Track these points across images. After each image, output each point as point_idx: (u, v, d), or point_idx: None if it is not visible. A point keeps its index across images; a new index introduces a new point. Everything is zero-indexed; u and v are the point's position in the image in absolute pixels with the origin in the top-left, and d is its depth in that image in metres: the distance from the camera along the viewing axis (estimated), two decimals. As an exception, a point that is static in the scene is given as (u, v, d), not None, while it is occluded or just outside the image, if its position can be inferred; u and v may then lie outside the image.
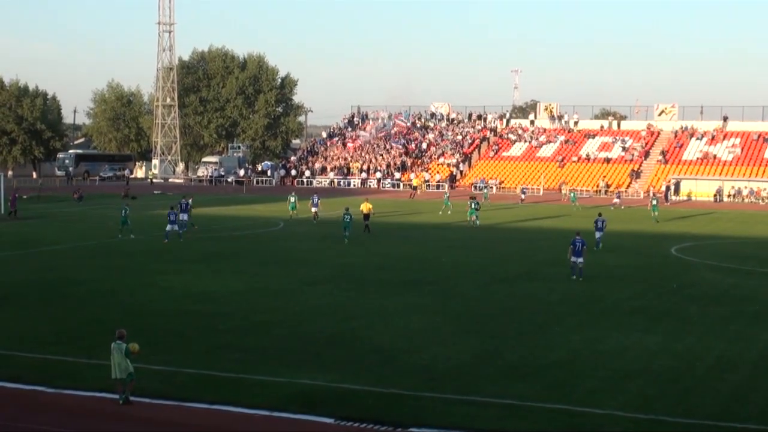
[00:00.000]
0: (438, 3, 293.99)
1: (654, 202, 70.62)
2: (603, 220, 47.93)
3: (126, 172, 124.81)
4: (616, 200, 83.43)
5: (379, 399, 19.85)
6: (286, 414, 18.75)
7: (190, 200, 55.82)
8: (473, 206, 60.95)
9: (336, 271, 38.70)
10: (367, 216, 54.61)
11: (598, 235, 47.05)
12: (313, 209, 62.29)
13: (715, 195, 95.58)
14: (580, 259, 36.69)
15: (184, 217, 51.32)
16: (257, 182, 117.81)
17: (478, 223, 59.96)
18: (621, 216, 71.21)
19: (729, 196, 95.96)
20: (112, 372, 19.10)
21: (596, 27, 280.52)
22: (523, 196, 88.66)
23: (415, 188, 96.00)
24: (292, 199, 64.28)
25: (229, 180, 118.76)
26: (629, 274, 38.81)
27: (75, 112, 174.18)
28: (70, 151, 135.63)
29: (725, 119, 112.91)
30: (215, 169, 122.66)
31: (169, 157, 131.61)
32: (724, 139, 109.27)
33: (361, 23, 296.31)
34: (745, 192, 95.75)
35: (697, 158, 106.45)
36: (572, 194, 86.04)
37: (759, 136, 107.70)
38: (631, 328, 27.50)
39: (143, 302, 30.71)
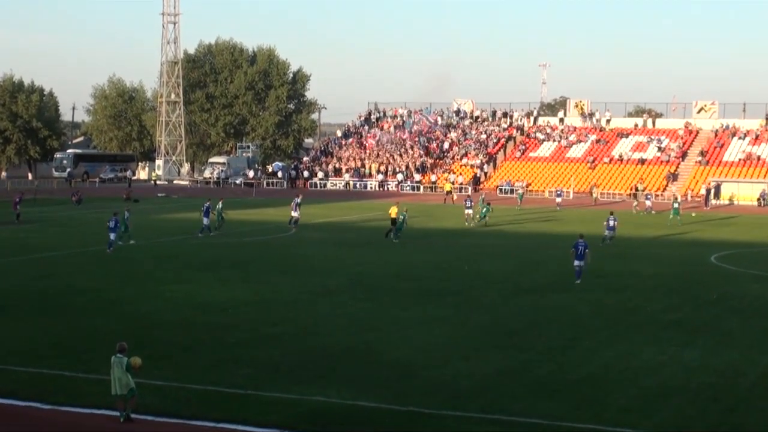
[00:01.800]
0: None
1: (676, 206, 71.18)
2: (615, 219, 51.58)
3: (128, 173, 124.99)
4: (647, 203, 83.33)
5: (397, 417, 19.86)
6: (297, 433, 18.82)
7: (220, 203, 58.60)
8: (484, 210, 64.67)
9: (351, 280, 38.74)
10: (394, 221, 54.76)
11: (608, 233, 50.88)
12: (294, 213, 60.91)
13: (759, 199, 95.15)
14: (582, 263, 37.98)
15: (205, 220, 54.42)
16: (267, 184, 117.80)
17: (480, 221, 62.78)
18: (652, 221, 71.06)
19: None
20: (112, 388, 19.13)
21: (630, 19, 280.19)
22: (558, 200, 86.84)
23: (449, 192, 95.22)
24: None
25: (238, 182, 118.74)
26: (665, 284, 38.70)
27: (74, 109, 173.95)
28: (69, 150, 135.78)
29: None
30: (223, 170, 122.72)
31: (174, 158, 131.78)
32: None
33: (378, 15, 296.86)
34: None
35: (740, 159, 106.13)
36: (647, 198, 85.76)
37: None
38: (667, 343, 27.43)
39: (146, 313, 30.77)
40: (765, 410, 20.78)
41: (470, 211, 64.84)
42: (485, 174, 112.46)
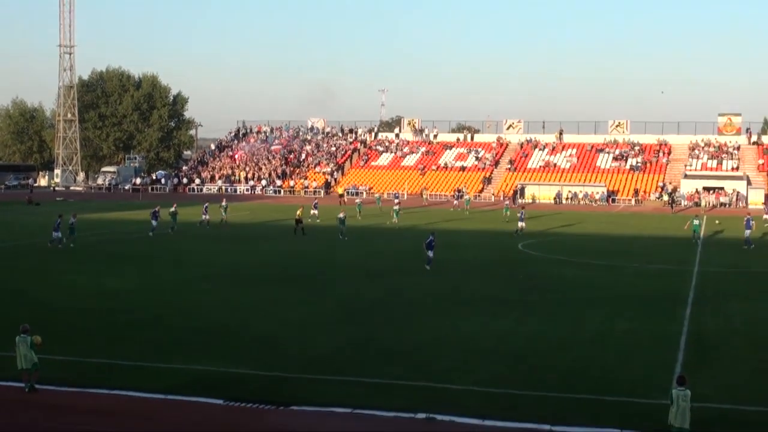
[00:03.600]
0: (320, 30, 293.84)
1: (507, 203, 75.53)
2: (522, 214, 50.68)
3: (30, 181, 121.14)
4: (455, 202, 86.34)
5: (264, 381, 19.84)
6: (181, 397, 18.59)
7: (174, 206, 57.55)
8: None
9: (226, 269, 38.36)
10: (299, 221, 54.36)
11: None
12: (204, 216, 59.89)
13: (555, 198, 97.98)
14: (431, 253, 38.46)
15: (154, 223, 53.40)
16: (152, 189, 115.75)
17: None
18: (476, 216, 72.42)
19: (567, 199, 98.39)
20: (18, 363, 18.70)
21: (452, 51, 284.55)
22: (396, 200, 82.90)
23: (341, 195, 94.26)
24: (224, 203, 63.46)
25: (126, 188, 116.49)
26: (482, 268, 39.44)
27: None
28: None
29: (561, 133, 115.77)
30: (113, 178, 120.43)
31: (71, 167, 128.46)
32: (562, 149, 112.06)
33: (242, 44, 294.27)
34: (580, 195, 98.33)
35: (540, 166, 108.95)
36: (466, 199, 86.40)
37: (592, 147, 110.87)
38: (483, 315, 27.99)
39: (47, 300, 29.88)
40: (559, 367, 21.37)
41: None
42: (335, 180, 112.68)
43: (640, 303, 30.42)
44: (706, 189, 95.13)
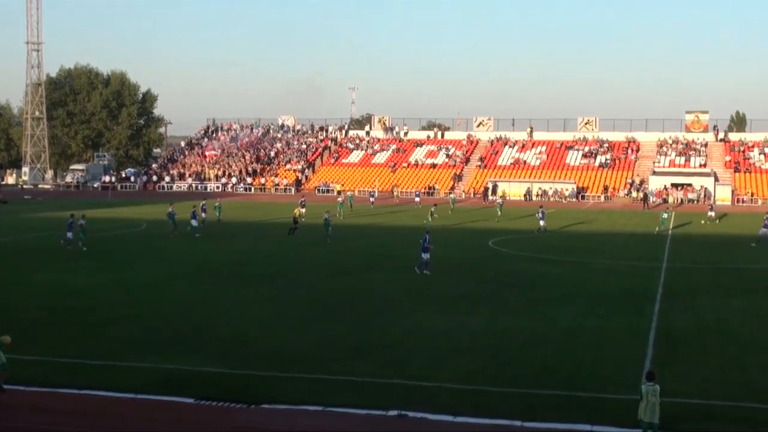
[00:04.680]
0: (284, 28, 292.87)
1: (500, 202, 76.44)
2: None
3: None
4: (416, 199, 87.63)
5: (235, 380, 19.76)
6: (152, 396, 18.48)
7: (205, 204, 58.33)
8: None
9: (197, 267, 38.18)
10: (296, 220, 53.41)
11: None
12: (203, 215, 57.67)
13: (525, 195, 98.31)
14: (426, 255, 36.35)
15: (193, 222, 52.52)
16: (122, 187, 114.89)
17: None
18: (451, 215, 72.45)
19: (537, 195, 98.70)
20: (-14, 363, 18.50)
21: (421, 48, 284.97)
22: (372, 199, 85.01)
23: (339, 192, 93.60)
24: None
25: (96, 186, 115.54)
26: (453, 265, 39.36)
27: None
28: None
29: (531, 130, 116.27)
30: (82, 176, 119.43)
31: (39, 165, 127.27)
32: (532, 147, 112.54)
33: (212, 42, 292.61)
34: (550, 192, 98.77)
35: (510, 163, 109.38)
36: (452, 198, 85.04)
37: (561, 145, 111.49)
38: (456, 312, 28.07)
39: (16, 299, 29.63)
40: (531, 364, 21.48)
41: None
42: (306, 177, 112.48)
43: (610, 299, 30.61)
44: (674, 185, 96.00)
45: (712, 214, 68.29)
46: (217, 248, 45.33)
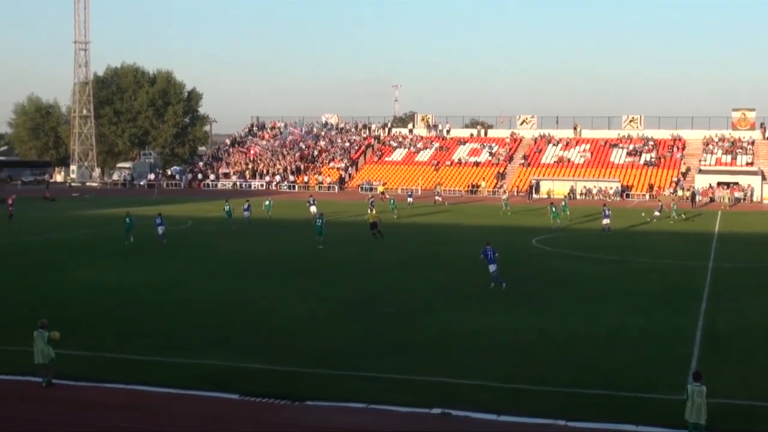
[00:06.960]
0: (332, 27, 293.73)
1: (505, 197, 77.80)
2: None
3: (46, 176, 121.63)
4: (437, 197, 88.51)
5: (279, 376, 19.85)
6: (196, 392, 18.62)
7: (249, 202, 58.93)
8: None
9: (235, 264, 38.40)
10: (374, 224, 50.36)
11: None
12: (246, 213, 57.75)
13: (569, 193, 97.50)
14: (493, 266, 32.63)
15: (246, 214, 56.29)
16: (167, 185, 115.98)
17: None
18: (483, 212, 72.16)
19: (581, 194, 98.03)
20: (35, 357, 18.77)
21: (464, 47, 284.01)
22: (410, 200, 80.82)
23: (383, 193, 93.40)
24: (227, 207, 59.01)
25: (142, 183, 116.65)
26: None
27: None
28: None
29: (576, 128, 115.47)
30: (129, 174, 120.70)
31: (86, 163, 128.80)
32: (576, 145, 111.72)
33: (258, 42, 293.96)
34: (594, 191, 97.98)
35: (554, 162, 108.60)
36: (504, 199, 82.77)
37: (606, 143, 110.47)
38: (495, 310, 27.91)
39: (63, 294, 30.01)
40: (573, 363, 21.34)
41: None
42: (349, 175, 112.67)
43: (654, 298, 30.31)
44: (720, 184, 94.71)
45: (658, 213, 67.30)
46: (251, 247, 45.46)
